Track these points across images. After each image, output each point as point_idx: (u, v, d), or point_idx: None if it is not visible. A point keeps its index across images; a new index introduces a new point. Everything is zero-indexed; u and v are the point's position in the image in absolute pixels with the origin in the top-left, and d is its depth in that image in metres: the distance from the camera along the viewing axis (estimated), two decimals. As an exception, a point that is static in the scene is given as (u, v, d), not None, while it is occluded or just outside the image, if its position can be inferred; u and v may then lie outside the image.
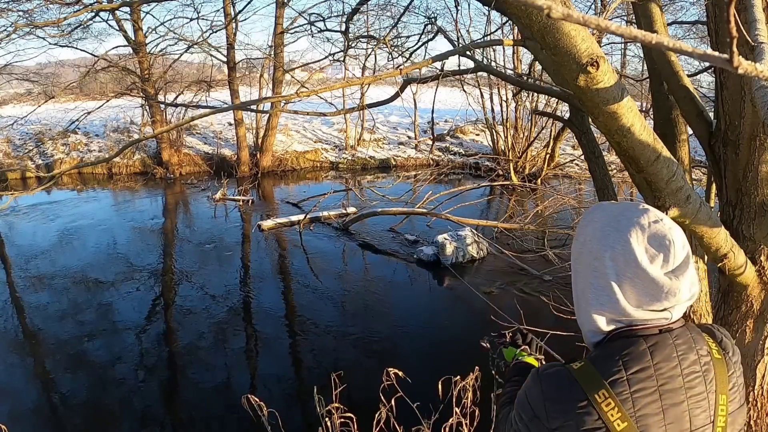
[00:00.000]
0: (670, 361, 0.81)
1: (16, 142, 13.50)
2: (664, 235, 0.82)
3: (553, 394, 0.83)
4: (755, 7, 1.19)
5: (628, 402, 0.79)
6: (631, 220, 0.84)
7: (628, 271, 0.82)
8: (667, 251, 0.81)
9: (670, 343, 0.82)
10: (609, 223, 0.87)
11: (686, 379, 0.81)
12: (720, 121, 2.26)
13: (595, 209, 0.93)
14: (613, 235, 0.85)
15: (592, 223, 0.90)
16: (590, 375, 0.81)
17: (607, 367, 0.81)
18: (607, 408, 0.78)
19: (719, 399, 0.83)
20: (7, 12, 8.74)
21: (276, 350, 4.95)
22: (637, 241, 0.82)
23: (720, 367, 0.85)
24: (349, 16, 5.34)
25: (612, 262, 0.84)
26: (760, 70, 0.38)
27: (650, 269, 0.80)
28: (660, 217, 0.85)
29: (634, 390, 0.79)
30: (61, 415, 3.99)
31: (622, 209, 0.88)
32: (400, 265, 6.87)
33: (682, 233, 0.84)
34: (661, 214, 0.86)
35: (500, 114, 12.90)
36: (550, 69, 2.90)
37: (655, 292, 0.81)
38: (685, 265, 0.82)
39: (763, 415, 2.31)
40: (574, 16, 0.37)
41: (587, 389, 0.80)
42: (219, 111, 2.32)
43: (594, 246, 0.87)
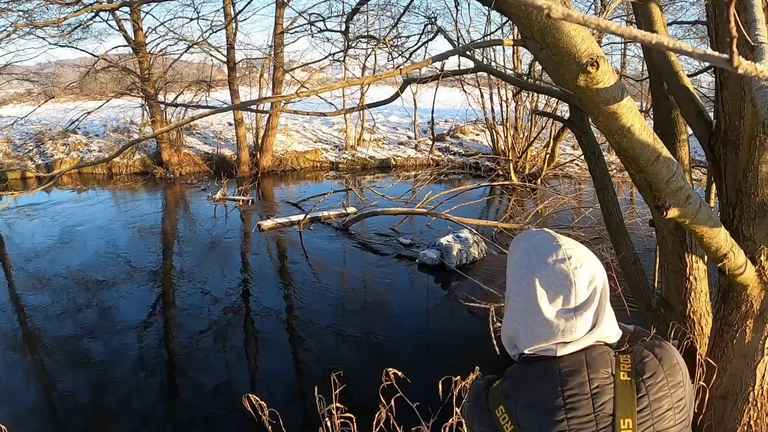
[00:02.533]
0: (551, 383, 0.85)
1: (16, 142, 13.50)
2: (566, 275, 0.84)
3: (471, 401, 0.95)
4: (755, 7, 1.19)
5: (515, 417, 0.86)
6: (539, 258, 0.88)
7: (528, 308, 0.87)
8: (567, 292, 0.84)
9: (554, 366, 0.85)
10: (521, 258, 0.91)
11: (566, 401, 0.83)
12: (720, 121, 2.26)
13: (520, 238, 0.97)
14: (522, 272, 0.89)
15: (514, 254, 0.95)
16: (497, 392, 0.90)
17: (506, 385, 0.89)
18: (503, 421, 0.87)
19: (620, 423, 0.83)
20: (7, 12, 8.74)
21: (276, 350, 4.95)
22: (539, 282, 0.86)
23: (624, 390, 0.84)
24: (349, 16, 5.34)
25: (518, 297, 0.89)
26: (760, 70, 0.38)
27: (546, 311, 0.85)
28: (568, 256, 0.86)
29: (519, 407, 0.86)
30: (61, 415, 3.98)
31: (537, 244, 0.91)
32: (400, 265, 6.87)
33: (591, 271, 0.86)
34: (572, 251, 0.87)
35: (500, 114, 12.90)
36: (550, 69, 2.90)
37: (549, 332, 0.85)
38: (588, 303, 0.85)
39: (763, 415, 2.31)
40: (574, 16, 0.37)
41: (491, 404, 0.89)
42: (219, 111, 2.32)
43: (510, 278, 0.93)
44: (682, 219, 1.73)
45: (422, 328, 5.28)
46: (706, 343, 2.61)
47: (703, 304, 2.72)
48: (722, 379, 2.37)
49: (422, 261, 6.70)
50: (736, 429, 2.37)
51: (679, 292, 2.73)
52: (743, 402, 2.33)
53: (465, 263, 6.65)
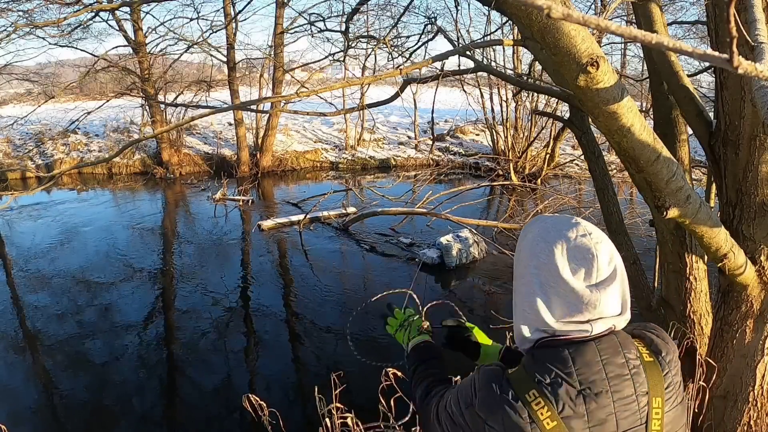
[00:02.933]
0: (593, 366, 0.83)
1: (16, 142, 13.50)
2: (588, 249, 0.84)
3: (485, 389, 0.88)
4: (755, 7, 1.19)
5: (552, 404, 0.82)
6: (559, 233, 0.87)
7: (551, 280, 0.84)
8: (589, 265, 0.83)
9: (592, 348, 0.84)
10: (540, 234, 0.90)
11: (611, 383, 0.83)
12: (720, 121, 2.26)
13: (534, 221, 0.96)
14: (541, 245, 0.88)
15: (528, 235, 0.93)
16: (521, 377, 0.86)
17: (534, 370, 0.85)
18: (537, 407, 0.82)
19: (653, 402, 0.85)
20: (7, 12, 8.74)
21: (276, 350, 4.95)
22: (561, 253, 0.84)
23: (652, 369, 0.86)
24: (349, 16, 5.34)
25: (537, 270, 0.86)
26: (760, 70, 0.38)
27: (571, 281, 0.83)
28: (589, 231, 0.86)
29: (558, 393, 0.82)
30: (61, 415, 3.98)
31: (554, 222, 0.90)
32: (400, 265, 6.87)
33: (610, 249, 0.86)
34: (592, 229, 0.87)
35: (500, 114, 12.90)
36: (550, 69, 2.90)
37: (576, 303, 0.83)
38: (610, 280, 0.84)
39: (762, 415, 2.31)
40: (574, 16, 0.37)
41: (518, 390, 0.84)
42: (219, 111, 2.32)
43: (524, 256, 0.91)
44: (682, 219, 1.73)
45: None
46: (706, 343, 2.61)
47: (703, 304, 2.72)
48: (722, 379, 2.37)
49: (422, 260, 6.70)
50: (736, 429, 2.37)
51: (679, 292, 2.73)
52: (743, 402, 2.33)
53: (465, 263, 6.65)
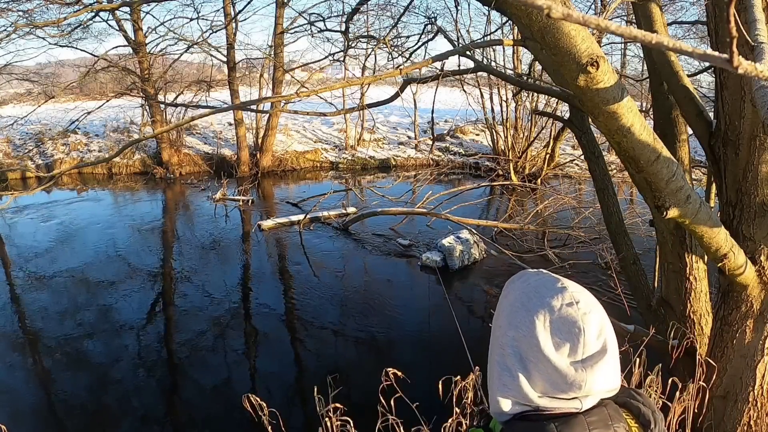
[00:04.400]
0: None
1: (16, 142, 13.50)
2: (574, 322, 0.74)
3: None
4: (755, 7, 1.19)
5: None
6: (542, 300, 0.77)
7: (530, 355, 0.76)
8: (575, 340, 0.73)
9: (581, 423, 0.75)
10: (520, 300, 0.80)
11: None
12: (720, 121, 2.26)
13: (515, 279, 0.87)
14: (521, 314, 0.78)
15: (508, 296, 0.84)
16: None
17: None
18: None
19: None
20: (7, 12, 8.74)
21: (276, 350, 4.95)
22: (543, 325, 0.75)
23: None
24: (349, 16, 5.35)
25: (516, 342, 0.77)
26: (760, 70, 0.38)
27: (554, 357, 0.74)
28: (576, 300, 0.76)
29: None
30: (61, 415, 3.98)
31: (537, 285, 0.81)
32: (400, 265, 6.87)
33: (600, 320, 0.76)
34: (580, 296, 0.77)
35: (500, 114, 12.90)
36: (550, 69, 2.91)
37: (559, 383, 0.74)
38: (599, 356, 0.74)
39: (762, 415, 2.31)
40: (574, 16, 0.37)
41: None
42: (219, 111, 2.32)
43: (503, 321, 0.81)
44: (682, 219, 1.73)
45: (422, 328, 5.28)
46: (706, 343, 2.61)
47: (703, 304, 2.72)
48: (722, 379, 2.37)
49: (425, 264, 6.64)
50: (736, 429, 2.37)
51: (679, 292, 2.73)
52: (743, 402, 2.33)
53: (467, 264, 6.65)
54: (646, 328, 2.80)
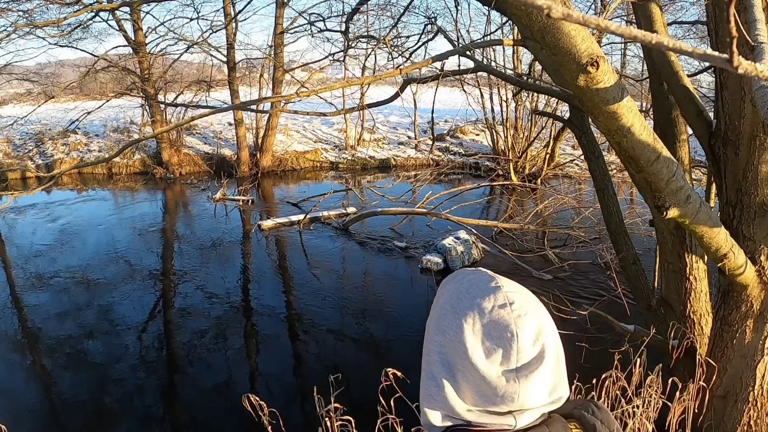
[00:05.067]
0: None
1: (16, 142, 13.50)
2: (506, 326, 0.66)
3: None
4: (755, 7, 1.19)
5: None
6: (472, 302, 0.69)
7: (458, 362, 0.67)
8: (507, 346, 0.65)
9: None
10: (449, 302, 0.72)
11: None
12: (720, 121, 2.26)
13: (450, 279, 0.78)
14: (449, 318, 0.70)
15: (440, 298, 0.76)
16: None
17: None
18: None
19: None
20: (7, 12, 8.74)
21: (276, 350, 4.95)
22: (471, 330, 0.67)
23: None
24: (349, 16, 5.35)
25: (442, 348, 0.70)
26: (760, 70, 0.38)
27: (482, 366, 0.65)
28: (510, 300, 0.68)
29: None
30: (61, 415, 3.98)
31: (470, 285, 0.72)
32: (400, 265, 6.87)
33: (537, 324, 0.67)
34: (515, 296, 0.69)
35: (500, 114, 12.90)
36: (550, 69, 2.91)
37: (489, 394, 0.66)
38: (535, 364, 0.66)
39: (763, 415, 2.31)
40: (574, 16, 0.37)
41: None
42: (219, 111, 2.32)
43: (432, 325, 0.74)
44: (682, 219, 1.73)
45: (422, 328, 5.27)
46: (706, 343, 2.61)
47: (703, 304, 2.72)
48: (722, 379, 2.37)
49: (426, 266, 6.57)
50: (736, 429, 2.37)
51: (679, 292, 2.73)
52: (743, 402, 2.33)
53: (466, 264, 6.64)
54: (646, 328, 2.80)
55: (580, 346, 3.35)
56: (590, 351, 3.29)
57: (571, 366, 0.77)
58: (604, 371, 2.26)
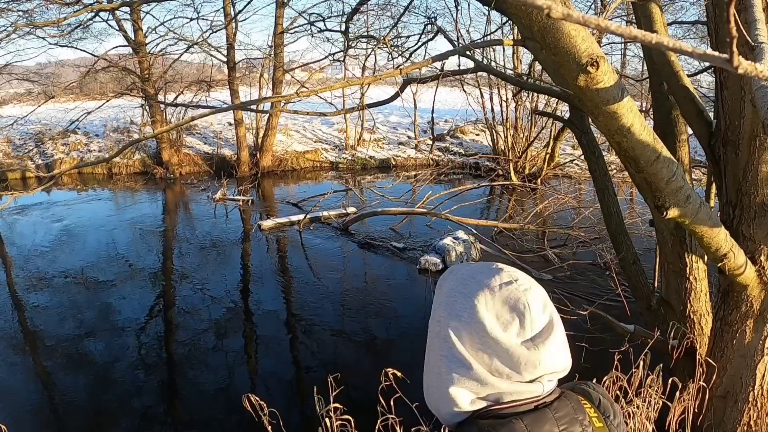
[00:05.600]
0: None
1: (16, 142, 13.50)
2: (518, 299, 0.71)
3: None
4: (755, 7, 1.19)
5: None
6: (479, 284, 0.73)
7: (477, 341, 0.71)
8: (522, 317, 0.70)
9: (550, 418, 0.71)
10: (456, 287, 0.76)
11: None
12: (720, 121, 2.26)
13: (447, 274, 0.82)
14: (461, 301, 0.74)
15: (442, 289, 0.80)
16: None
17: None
18: None
19: None
20: (7, 12, 8.74)
21: (276, 350, 4.95)
22: (486, 308, 0.71)
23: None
24: (349, 16, 5.35)
25: (460, 332, 0.72)
26: (760, 70, 0.38)
27: (503, 338, 0.69)
28: (514, 278, 0.73)
29: None
30: (61, 415, 3.99)
31: (472, 272, 0.77)
32: (399, 265, 6.87)
33: (541, 295, 0.73)
34: (516, 274, 0.75)
35: (500, 114, 12.91)
36: (550, 69, 2.91)
37: (513, 364, 0.70)
38: (547, 332, 0.71)
39: (763, 414, 2.31)
40: (574, 16, 0.37)
41: None
42: (219, 111, 2.32)
43: (443, 314, 0.76)
44: (682, 219, 1.73)
45: (422, 328, 5.27)
46: (706, 343, 2.61)
47: (703, 304, 2.72)
48: (722, 379, 2.37)
49: (425, 267, 6.54)
50: (736, 429, 2.37)
51: (679, 292, 2.73)
52: (743, 402, 2.33)
53: (465, 264, 6.63)
54: (646, 328, 2.80)
55: (580, 346, 3.35)
56: (590, 351, 3.28)
57: (571, 366, 0.78)
58: (604, 371, 2.26)
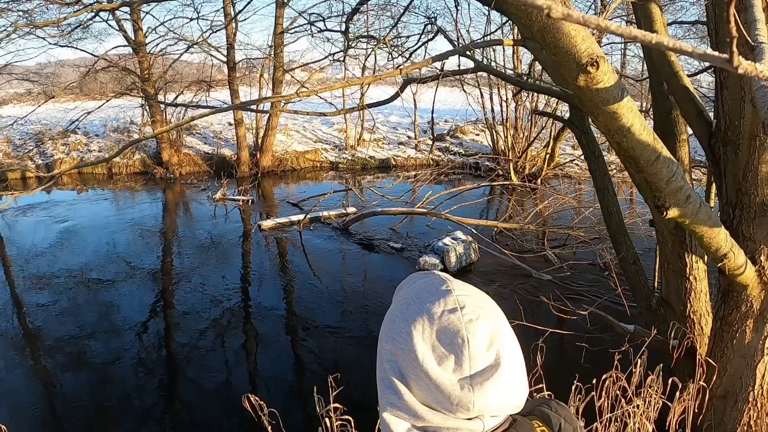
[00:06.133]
0: None
1: (16, 142, 13.50)
2: (456, 331, 0.63)
3: None
4: (755, 7, 1.19)
5: None
6: (420, 307, 0.66)
7: (410, 371, 0.64)
8: (459, 352, 0.62)
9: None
10: (399, 306, 0.70)
11: None
12: (720, 121, 2.26)
13: (403, 284, 0.76)
14: (399, 323, 0.67)
15: (393, 304, 0.74)
16: None
17: None
18: None
19: None
20: (7, 12, 8.74)
21: (276, 350, 4.95)
22: (422, 336, 0.64)
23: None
24: (349, 16, 5.35)
25: (394, 357, 0.66)
26: (760, 70, 0.38)
27: (436, 373, 0.62)
28: (461, 304, 0.65)
29: None
30: (61, 415, 3.99)
31: (418, 290, 0.70)
32: (399, 265, 6.87)
33: (491, 328, 0.64)
34: (466, 300, 0.66)
35: (500, 114, 12.91)
36: (550, 69, 2.91)
37: (444, 402, 0.63)
38: (490, 372, 0.62)
39: (763, 414, 2.31)
40: (574, 15, 0.37)
41: None
42: (219, 111, 2.32)
43: (383, 332, 0.71)
44: (682, 219, 1.73)
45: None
46: (706, 343, 2.61)
47: (703, 304, 2.72)
48: (722, 379, 2.37)
49: (423, 267, 6.55)
50: (736, 429, 2.37)
51: (679, 292, 2.73)
52: (743, 402, 2.33)
53: (464, 265, 6.63)
54: (646, 328, 2.80)
55: (580, 346, 3.35)
56: (590, 351, 3.29)
57: (572, 366, 0.77)
58: (604, 371, 2.26)
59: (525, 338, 2.50)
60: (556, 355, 3.90)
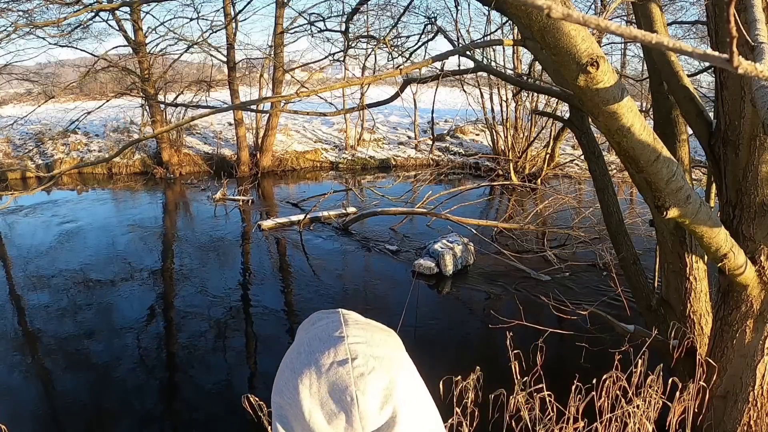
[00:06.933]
0: None
1: (16, 142, 13.50)
2: (345, 388, 0.56)
3: None
4: (755, 7, 1.19)
5: None
6: (309, 357, 0.60)
7: (298, 428, 0.59)
8: (348, 412, 0.56)
9: None
10: (290, 355, 0.64)
11: None
12: (720, 121, 2.26)
13: (302, 325, 0.70)
14: (287, 374, 0.62)
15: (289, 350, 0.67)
16: None
17: None
18: None
19: None
20: (7, 12, 8.74)
21: (276, 350, 4.94)
22: (309, 391, 0.58)
23: None
24: (349, 16, 5.35)
25: (283, 411, 0.61)
26: (760, 70, 0.38)
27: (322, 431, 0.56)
28: (353, 355, 0.59)
29: None
30: (61, 415, 3.98)
31: (313, 336, 0.64)
32: (399, 265, 6.86)
33: (386, 382, 0.58)
34: (359, 348, 0.60)
35: (500, 114, 12.91)
36: (550, 69, 2.91)
37: None
38: (385, 431, 0.56)
39: (763, 415, 2.31)
40: (574, 15, 0.37)
41: None
42: (219, 111, 2.32)
43: (274, 384, 0.65)
44: (682, 219, 1.73)
45: (422, 327, 5.28)
46: (706, 343, 2.61)
47: (703, 304, 2.72)
48: (722, 379, 2.37)
49: (419, 271, 6.41)
50: (736, 429, 2.37)
51: (679, 292, 2.73)
52: (743, 402, 2.33)
53: (460, 268, 6.53)
54: (646, 328, 2.80)
55: (580, 346, 3.35)
56: (590, 351, 3.29)
57: (572, 366, 0.77)
58: (604, 371, 2.26)
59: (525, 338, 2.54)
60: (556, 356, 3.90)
